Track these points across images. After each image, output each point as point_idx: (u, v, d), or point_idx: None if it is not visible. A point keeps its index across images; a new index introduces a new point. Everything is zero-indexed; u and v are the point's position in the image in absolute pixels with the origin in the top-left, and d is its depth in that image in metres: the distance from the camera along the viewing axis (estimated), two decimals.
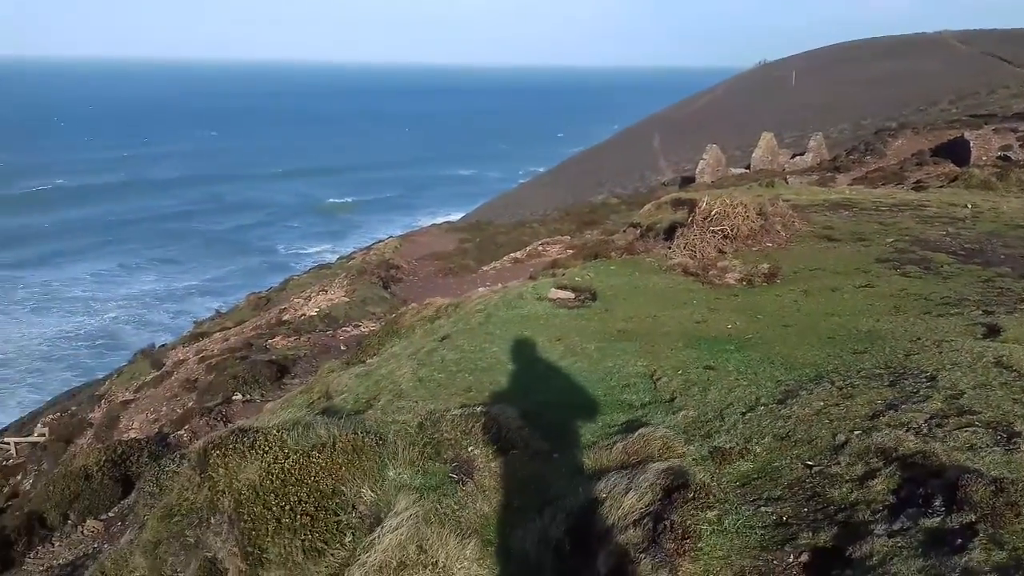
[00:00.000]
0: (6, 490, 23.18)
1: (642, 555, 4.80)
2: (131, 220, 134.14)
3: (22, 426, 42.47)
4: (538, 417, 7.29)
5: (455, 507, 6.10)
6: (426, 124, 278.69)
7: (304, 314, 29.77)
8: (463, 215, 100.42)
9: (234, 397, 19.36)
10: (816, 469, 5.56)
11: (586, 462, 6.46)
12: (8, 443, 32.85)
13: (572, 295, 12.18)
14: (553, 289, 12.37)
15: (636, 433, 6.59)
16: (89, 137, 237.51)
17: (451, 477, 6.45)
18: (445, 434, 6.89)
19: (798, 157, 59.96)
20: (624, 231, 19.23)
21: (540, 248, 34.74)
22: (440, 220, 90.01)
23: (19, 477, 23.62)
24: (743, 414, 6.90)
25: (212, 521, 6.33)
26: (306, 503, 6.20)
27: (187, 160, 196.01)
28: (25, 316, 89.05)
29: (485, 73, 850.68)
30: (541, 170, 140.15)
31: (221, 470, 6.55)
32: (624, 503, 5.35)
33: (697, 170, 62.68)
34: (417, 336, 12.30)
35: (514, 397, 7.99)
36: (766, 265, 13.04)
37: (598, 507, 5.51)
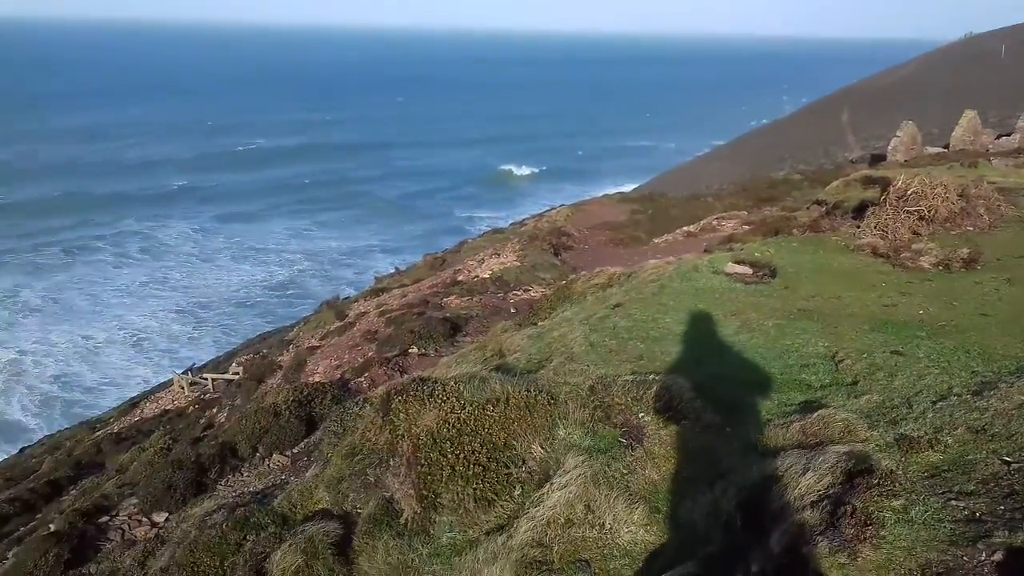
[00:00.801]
0: (202, 421, 25.30)
1: (819, 537, 4.65)
2: (321, 182, 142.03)
3: (217, 364, 46.23)
4: (711, 390, 7.17)
5: (624, 471, 6.13)
6: (609, 94, 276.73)
7: (477, 276, 30.51)
8: (636, 186, 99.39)
9: (410, 350, 20.17)
10: (1016, 466, 5.18)
11: (760, 439, 6.31)
12: (206, 379, 35.85)
13: (750, 270, 11.83)
14: (730, 263, 12.06)
15: (815, 414, 6.37)
16: (287, 100, 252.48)
17: (620, 441, 6.47)
18: (616, 399, 6.91)
19: (1004, 138, 55.17)
20: (807, 208, 18.43)
21: (715, 222, 33.86)
22: (612, 191, 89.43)
23: (215, 410, 25.69)
24: (933, 403, 6.51)
25: (391, 463, 6.67)
26: (479, 454, 6.41)
27: (372, 125, 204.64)
28: (224, 264, 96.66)
29: (677, 42, 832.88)
30: (720, 143, 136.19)
31: (402, 416, 6.89)
32: (801, 483, 5.20)
33: (889, 147, 58.89)
34: (589, 302, 12.34)
35: (686, 368, 7.90)
36: (966, 250, 12.13)
37: (773, 485, 5.38)
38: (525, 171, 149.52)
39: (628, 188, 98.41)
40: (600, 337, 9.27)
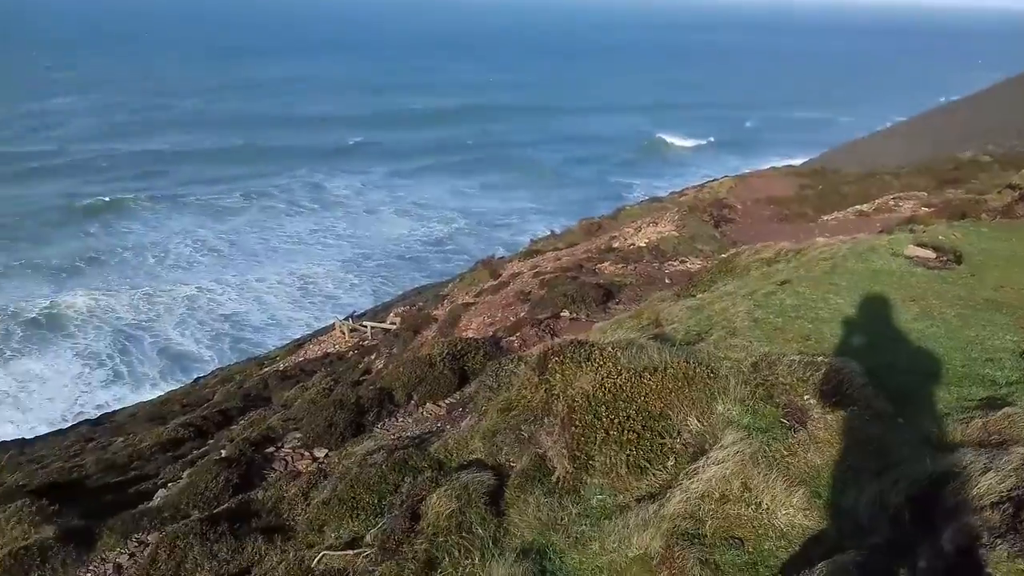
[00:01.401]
0: (361, 366, 26.45)
1: (998, 540, 4.35)
2: (482, 143, 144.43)
3: (376, 313, 48.17)
4: (883, 378, 6.81)
5: (784, 453, 5.94)
6: (785, 63, 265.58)
7: (633, 244, 30.21)
8: (806, 160, 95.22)
9: (562, 313, 20.27)
10: None
11: (935, 433, 5.95)
12: (365, 326, 37.45)
13: (933, 254, 11.10)
14: (911, 246, 11.35)
15: (1000, 412, 5.93)
16: (453, 62, 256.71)
17: (782, 422, 6.27)
18: (780, 378, 6.69)
19: None
20: (1000, 192, 17.07)
21: (891, 202, 32.00)
22: (780, 163, 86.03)
23: (373, 357, 26.79)
24: None
25: (546, 421, 6.74)
26: (634, 420, 6.37)
27: (534, 90, 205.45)
28: (387, 217, 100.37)
29: (871, 9, 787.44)
30: (901, 119, 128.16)
31: (558, 376, 6.93)
32: (981, 482, 4.86)
33: None
34: (752, 277, 11.97)
35: (857, 353, 7.52)
36: None
37: (948, 482, 5.06)
38: (686, 141, 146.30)
39: (798, 161, 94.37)
40: (765, 314, 8.98)
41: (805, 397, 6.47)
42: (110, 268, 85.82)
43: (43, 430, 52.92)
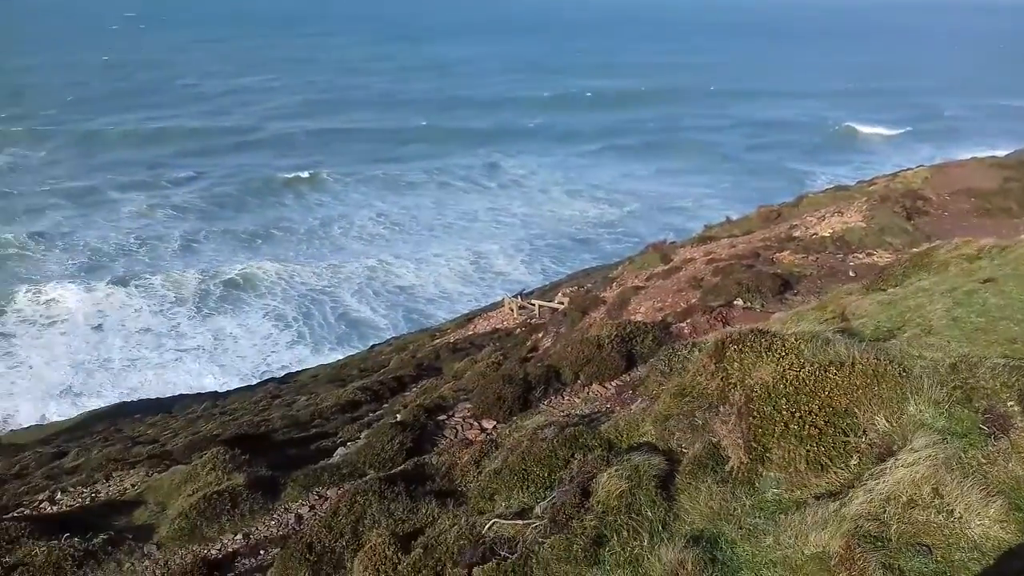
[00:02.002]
0: (528, 343, 26.84)
1: None
2: (660, 127, 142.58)
3: (544, 292, 48.67)
4: None
5: (982, 460, 5.54)
6: (992, 45, 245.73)
7: (815, 233, 28.93)
8: (1012, 151, 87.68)
9: (735, 302, 19.75)
10: None
11: None
12: (534, 304, 37.93)
13: None
14: None
15: None
16: (636, 43, 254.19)
17: (981, 428, 5.85)
18: (981, 382, 6.23)
19: None
20: None
21: None
22: (982, 155, 79.71)
23: (540, 335, 27.12)
24: None
25: (721, 410, 6.60)
26: (816, 415, 6.13)
27: (713, 72, 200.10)
28: (561, 198, 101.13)
29: None
30: None
31: (736, 364, 6.76)
32: None
33: None
34: (952, 274, 11.17)
35: None
36: None
37: None
38: (877, 128, 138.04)
39: (1003, 152, 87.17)
40: (965, 312, 8.37)
41: (1009, 404, 6.00)
42: (300, 237, 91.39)
43: (235, 384, 57.29)
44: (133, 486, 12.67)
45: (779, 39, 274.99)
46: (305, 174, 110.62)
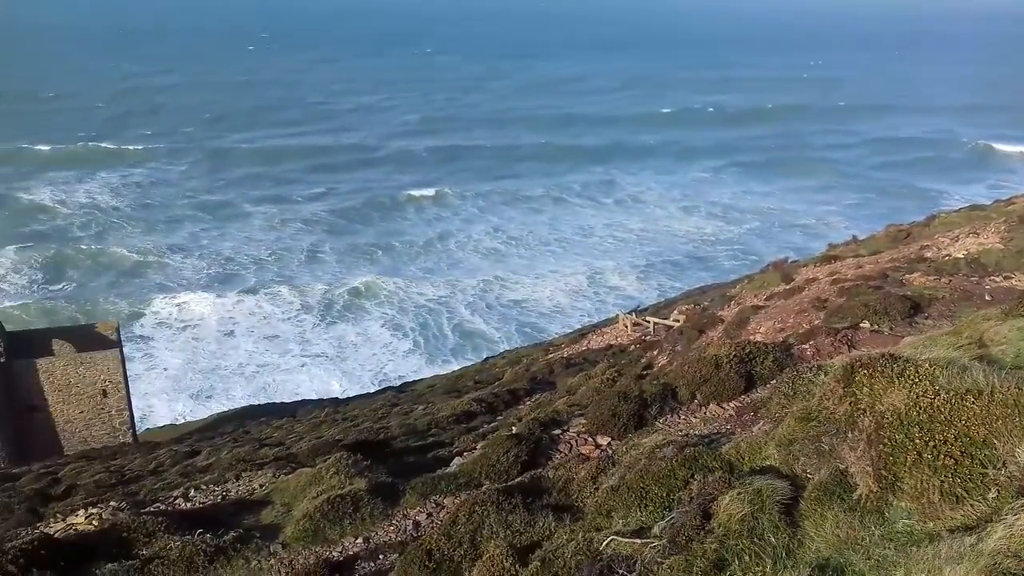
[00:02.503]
0: (643, 360, 26.62)
1: None
2: (784, 144, 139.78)
3: (658, 309, 48.13)
4: None
5: None
6: None
7: (948, 255, 27.57)
8: None
9: (862, 324, 19.03)
10: None
11: None
12: (648, 321, 37.57)
13: None
14: None
15: None
16: (766, 56, 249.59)
17: None
18: None
19: None
20: None
21: None
22: None
23: (655, 352, 26.85)
24: None
25: (849, 436, 6.41)
26: (951, 445, 5.88)
27: (847, 87, 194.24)
28: (678, 215, 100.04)
29: None
30: None
31: (865, 389, 6.56)
32: None
33: None
34: None
35: None
36: None
37: None
38: (1014, 146, 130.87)
39: None
40: None
41: None
42: (419, 250, 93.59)
43: (354, 391, 59.16)
44: (261, 486, 13.25)
45: (907, 50, 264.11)
46: (428, 191, 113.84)
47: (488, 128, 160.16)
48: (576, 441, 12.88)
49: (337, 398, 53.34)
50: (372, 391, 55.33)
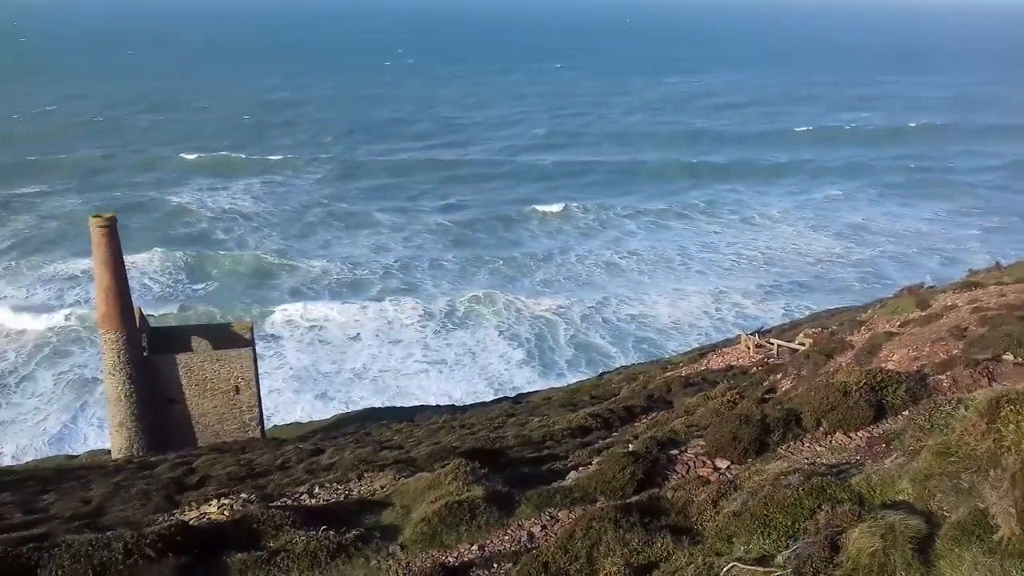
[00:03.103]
0: (765, 383, 25.90)
1: None
2: (926, 167, 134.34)
3: (782, 331, 46.74)
4: None
5: None
6: None
7: None
8: None
9: (1004, 356, 17.95)
10: None
11: None
12: (772, 343, 36.54)
13: None
14: None
15: None
16: (911, 75, 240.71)
17: None
18: None
19: None
20: None
21: None
22: None
23: (779, 376, 26.09)
24: None
25: (991, 474, 6.09)
26: None
27: (1004, 105, 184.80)
28: (809, 235, 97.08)
29: None
30: None
31: (1011, 427, 6.22)
32: None
33: None
34: None
35: None
36: None
37: None
38: None
39: None
40: None
41: None
42: (539, 263, 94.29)
43: (471, 399, 60.03)
44: (382, 488, 13.62)
45: None
46: (553, 206, 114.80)
47: (614, 143, 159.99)
48: (694, 463, 12.68)
49: (454, 405, 54.22)
50: (488, 400, 55.98)
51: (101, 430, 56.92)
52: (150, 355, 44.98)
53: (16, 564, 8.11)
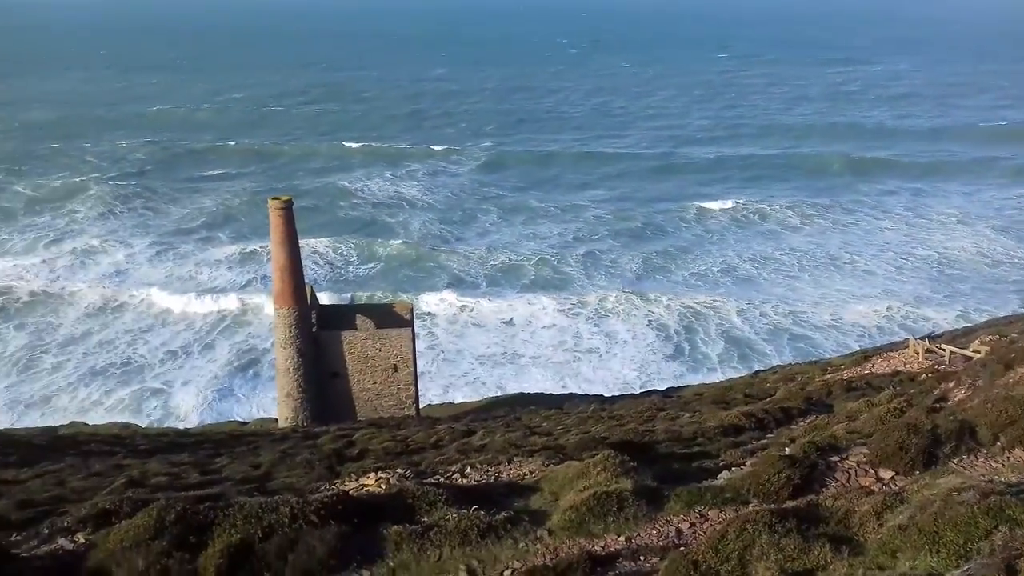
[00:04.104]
0: (936, 392, 24.39)
1: None
2: None
3: (954, 337, 43.82)
4: None
5: None
6: None
7: None
8: None
9: None
10: None
11: None
12: (944, 349, 34.35)
13: None
14: None
15: None
16: None
17: None
18: None
19: None
20: None
21: None
22: None
23: (951, 384, 24.50)
24: None
25: None
26: None
27: None
28: (988, 232, 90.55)
29: None
30: None
31: None
32: None
33: None
34: None
35: None
36: None
37: None
38: None
39: None
40: None
41: None
42: (693, 256, 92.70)
43: (618, 388, 59.90)
44: (531, 473, 13.81)
45: None
46: (716, 203, 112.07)
47: (786, 137, 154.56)
48: (855, 471, 12.17)
49: (602, 395, 54.16)
50: (637, 392, 55.60)
51: (268, 399, 60.77)
52: (318, 331, 47.43)
53: (195, 521, 8.77)
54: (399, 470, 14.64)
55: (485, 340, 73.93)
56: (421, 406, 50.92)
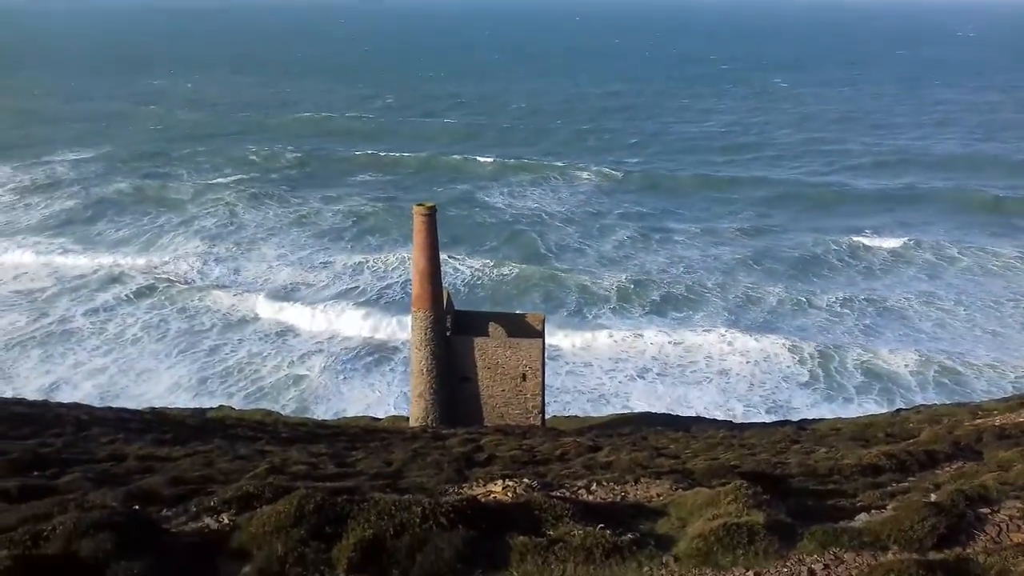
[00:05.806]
0: None
1: None
2: None
3: None
4: None
5: None
6: None
7: None
8: None
9: None
10: None
11: None
12: None
13: None
14: None
15: None
16: None
17: None
18: None
19: None
20: None
21: None
22: None
23: None
24: None
25: None
26: None
27: None
28: None
29: None
30: None
31: None
32: None
33: None
34: None
35: None
36: None
37: None
38: None
39: None
40: None
41: None
42: (839, 285, 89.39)
43: (741, 410, 58.42)
44: (658, 495, 13.62)
45: None
46: (886, 241, 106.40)
47: (941, 166, 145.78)
48: (1007, 525, 11.45)
49: (731, 421, 52.85)
50: (767, 421, 53.95)
51: (400, 398, 62.52)
52: (452, 335, 48.47)
53: (332, 512, 9.13)
54: (526, 480, 14.75)
55: (612, 355, 73.62)
56: (546, 417, 51.14)
